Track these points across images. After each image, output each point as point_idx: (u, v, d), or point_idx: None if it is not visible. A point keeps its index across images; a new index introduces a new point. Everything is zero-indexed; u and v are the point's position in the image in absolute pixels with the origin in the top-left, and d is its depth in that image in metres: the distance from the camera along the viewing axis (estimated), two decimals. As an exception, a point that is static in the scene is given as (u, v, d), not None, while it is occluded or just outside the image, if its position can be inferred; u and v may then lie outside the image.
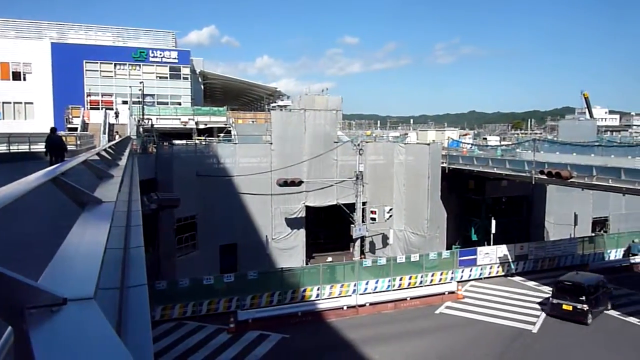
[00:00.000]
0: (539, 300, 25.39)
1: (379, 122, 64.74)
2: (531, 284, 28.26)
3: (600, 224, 39.34)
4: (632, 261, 31.86)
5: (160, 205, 22.07)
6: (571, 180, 22.42)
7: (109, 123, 33.92)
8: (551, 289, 26.53)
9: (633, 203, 37.15)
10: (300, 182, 28.35)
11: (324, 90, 49.05)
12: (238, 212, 28.46)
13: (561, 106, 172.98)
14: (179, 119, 40.28)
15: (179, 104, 45.72)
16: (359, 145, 29.08)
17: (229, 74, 63.00)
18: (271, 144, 29.37)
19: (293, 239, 30.17)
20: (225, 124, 39.85)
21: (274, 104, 59.65)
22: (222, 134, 35.54)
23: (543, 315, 23.29)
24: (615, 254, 32.92)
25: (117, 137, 28.48)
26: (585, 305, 21.97)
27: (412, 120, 73.23)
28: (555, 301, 22.88)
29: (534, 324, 22.22)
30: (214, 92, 69.39)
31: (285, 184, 27.86)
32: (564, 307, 22.47)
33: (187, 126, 39.40)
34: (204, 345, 19.82)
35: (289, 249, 29.99)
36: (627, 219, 38.86)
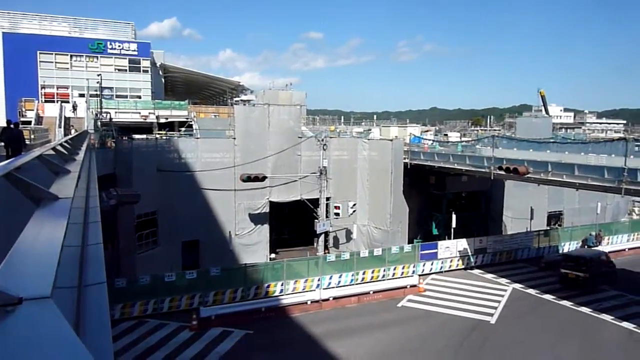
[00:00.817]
0: (498, 291, 26.24)
1: (342, 117, 65.09)
2: (490, 276, 29.15)
3: (555, 218, 40.94)
4: (584, 253, 33.23)
5: (119, 201, 21.53)
6: (528, 175, 23.19)
7: (64, 117, 32.74)
8: (509, 281, 27.68)
9: (586, 198, 38.81)
10: (264, 178, 28.21)
11: (287, 85, 48.67)
12: (200, 208, 28.07)
13: (519, 103, 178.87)
14: (139, 112, 39.33)
15: (139, 97, 44.63)
16: (322, 140, 29.16)
17: (191, 67, 62.12)
18: (234, 138, 29.07)
19: (257, 235, 30.01)
20: (187, 118, 39.18)
21: (237, 99, 59.09)
22: (183, 129, 34.91)
23: (500, 307, 24.08)
24: (569, 246, 34.29)
25: (72, 131, 27.51)
26: (586, 274, 26.08)
27: (375, 116, 74.10)
28: (563, 271, 27.06)
29: (492, 315, 22.93)
30: (175, 85, 68.11)
31: (248, 179, 27.65)
32: (569, 275, 26.73)
33: (148, 120, 38.54)
34: (166, 343, 19.51)
35: (252, 245, 29.82)
36: (580, 212, 40.58)
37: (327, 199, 30.25)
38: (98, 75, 37.13)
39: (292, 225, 35.73)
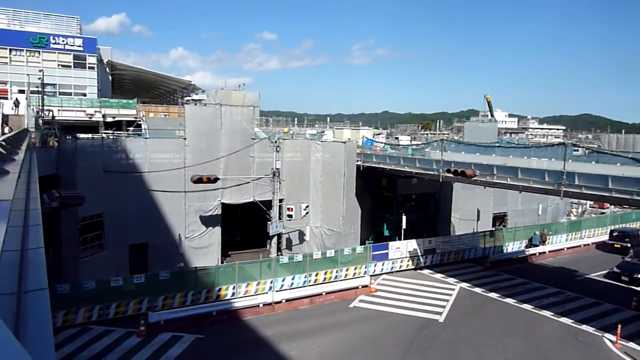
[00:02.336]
0: (446, 291, 27.00)
1: (296, 119, 65.01)
2: (438, 276, 29.95)
3: (499, 219, 42.62)
4: (527, 253, 34.84)
5: (62, 203, 20.57)
6: (475, 178, 23.98)
7: (3, 114, 31.01)
8: (457, 280, 28.46)
9: (528, 199, 40.74)
10: (215, 179, 27.78)
11: (240, 85, 48.21)
12: (149, 210, 27.30)
13: (467, 109, 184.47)
14: (84, 111, 37.87)
15: (84, 95, 43.00)
16: (276, 142, 29.06)
17: (141, 65, 60.57)
18: (185, 139, 28.47)
19: (208, 237, 29.50)
20: (136, 118, 38.07)
21: (188, 98, 58.01)
22: (131, 128, 33.86)
23: (449, 305, 24.80)
24: (512, 246, 35.76)
25: (6, 129, 26.04)
26: (628, 244, 35.64)
27: (328, 119, 74.45)
28: (609, 242, 37.42)
29: (440, 314, 23.57)
30: (123, 83, 66.12)
31: (200, 180, 27.14)
32: (615, 245, 36.51)
33: (93, 119, 37.17)
34: (112, 351, 18.83)
35: (203, 248, 29.29)
36: (522, 214, 42.49)
37: (280, 200, 30.16)
38: (40, 70, 35.44)
39: (245, 227, 35.39)
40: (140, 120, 37.00)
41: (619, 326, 20.99)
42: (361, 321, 22.70)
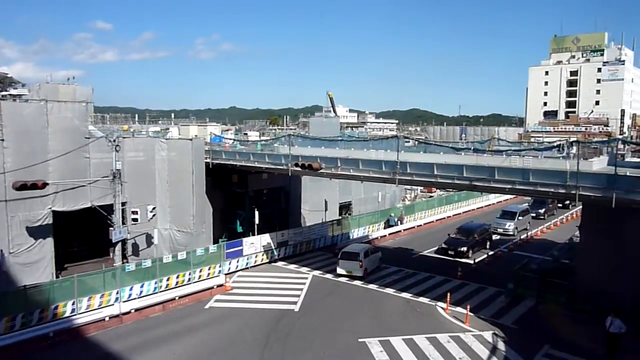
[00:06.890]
0: (300, 280, 27.87)
1: (137, 115, 61.04)
2: (292, 266, 30.82)
3: (345, 208, 45.32)
4: (371, 237, 37.69)
5: None
6: (321, 171, 25.10)
7: None
8: (310, 269, 29.63)
9: (369, 188, 44.01)
10: (44, 185, 24.69)
11: (70, 78, 43.54)
12: (-40, 225, 23.27)
13: (311, 104, 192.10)
14: None
15: None
16: (115, 141, 26.86)
17: (-62, 55, 51.00)
18: (2, 140, 24.79)
19: (38, 251, 26.15)
20: None
21: (4, 93, 50.78)
22: None
23: (303, 294, 25.64)
24: (358, 232, 38.32)
25: None
26: None
27: (173, 115, 71.41)
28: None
29: (296, 303, 24.26)
30: None
31: (24, 187, 23.85)
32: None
33: None
34: None
35: (33, 263, 25.87)
36: (365, 202, 45.77)
37: (123, 204, 28.01)
38: None
39: (83, 235, 32.25)
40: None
41: (448, 295, 23.98)
42: (218, 321, 22.31)
